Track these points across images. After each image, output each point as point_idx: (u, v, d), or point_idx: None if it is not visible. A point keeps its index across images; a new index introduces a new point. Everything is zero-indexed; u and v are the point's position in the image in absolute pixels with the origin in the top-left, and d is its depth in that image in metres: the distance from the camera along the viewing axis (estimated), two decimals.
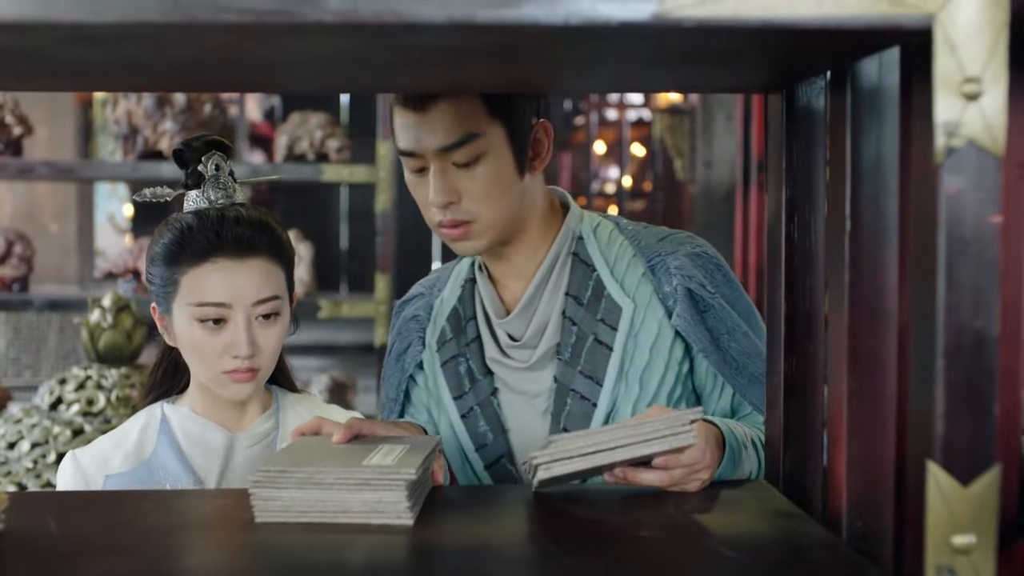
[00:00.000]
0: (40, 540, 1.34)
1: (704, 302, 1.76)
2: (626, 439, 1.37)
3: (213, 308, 1.72)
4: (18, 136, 4.37)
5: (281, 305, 1.77)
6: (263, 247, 1.75)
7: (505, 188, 1.73)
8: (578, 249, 1.82)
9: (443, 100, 1.68)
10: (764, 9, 1.04)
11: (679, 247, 1.80)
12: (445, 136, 1.69)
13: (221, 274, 1.73)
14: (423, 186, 1.73)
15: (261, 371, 1.76)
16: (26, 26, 1.03)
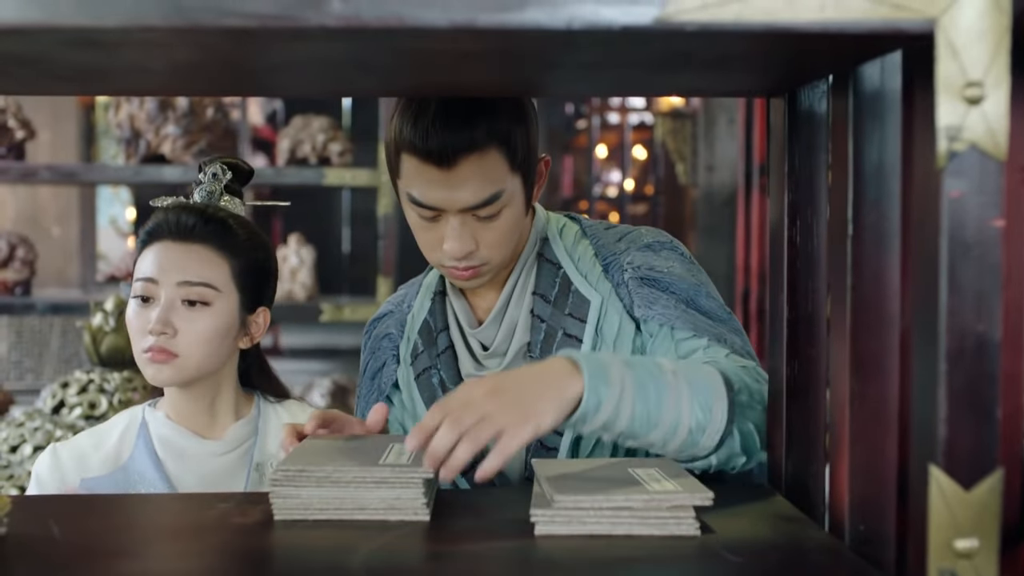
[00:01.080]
0: (43, 544, 1.34)
1: (660, 282, 1.74)
2: (628, 517, 1.36)
3: (143, 283, 1.76)
4: (21, 140, 4.38)
5: (213, 296, 1.77)
6: (207, 235, 1.78)
7: (517, 230, 1.73)
8: (543, 250, 1.82)
9: (469, 156, 1.63)
10: (766, 13, 1.04)
11: (631, 243, 1.80)
12: (473, 195, 1.65)
13: (159, 252, 1.77)
14: (432, 231, 1.70)
15: (181, 358, 1.75)
16: (29, 30, 1.04)
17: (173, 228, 1.78)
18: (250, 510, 1.47)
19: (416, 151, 1.64)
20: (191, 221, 1.78)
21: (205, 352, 1.77)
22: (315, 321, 4.48)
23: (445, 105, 1.63)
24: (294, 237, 4.72)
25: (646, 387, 1.47)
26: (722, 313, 1.75)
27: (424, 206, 1.67)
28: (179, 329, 1.74)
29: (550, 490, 1.38)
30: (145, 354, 1.75)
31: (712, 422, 1.51)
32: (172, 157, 4.40)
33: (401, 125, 1.66)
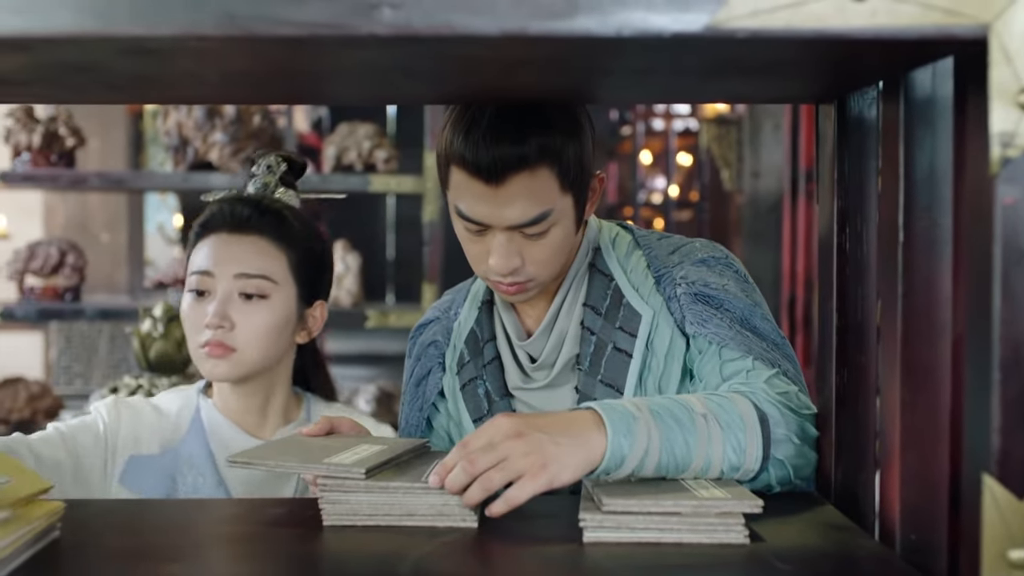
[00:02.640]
0: (95, 548, 1.36)
1: (714, 299, 1.70)
2: (677, 524, 1.36)
3: (199, 277, 1.74)
4: (71, 147, 4.43)
5: (271, 288, 1.75)
6: (263, 226, 1.76)
7: (566, 248, 1.71)
8: (595, 260, 1.79)
9: (519, 173, 1.60)
10: (817, 20, 1.04)
11: (685, 257, 1.76)
12: (521, 213, 1.63)
13: (215, 245, 1.75)
14: (480, 244, 1.68)
15: (239, 352, 1.73)
16: (85, 39, 1.05)
17: (228, 219, 1.76)
18: (300, 515, 1.48)
19: (465, 165, 1.62)
20: (246, 212, 1.77)
21: (263, 346, 1.75)
22: (360, 327, 4.49)
23: (497, 118, 1.60)
24: (340, 244, 4.74)
25: (673, 438, 1.46)
26: (776, 336, 1.72)
27: (471, 220, 1.65)
28: (236, 323, 1.72)
29: (599, 495, 1.37)
30: (202, 349, 1.73)
31: (746, 462, 1.52)
32: (219, 164, 4.44)
33: (452, 136, 1.63)
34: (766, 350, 1.68)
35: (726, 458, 1.49)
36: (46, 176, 4.29)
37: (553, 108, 1.64)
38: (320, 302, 1.84)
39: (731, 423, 1.50)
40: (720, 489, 1.40)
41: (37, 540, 1.31)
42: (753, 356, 1.66)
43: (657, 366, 1.72)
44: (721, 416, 1.51)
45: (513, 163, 1.59)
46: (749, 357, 1.66)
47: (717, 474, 1.50)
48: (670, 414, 1.48)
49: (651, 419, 1.46)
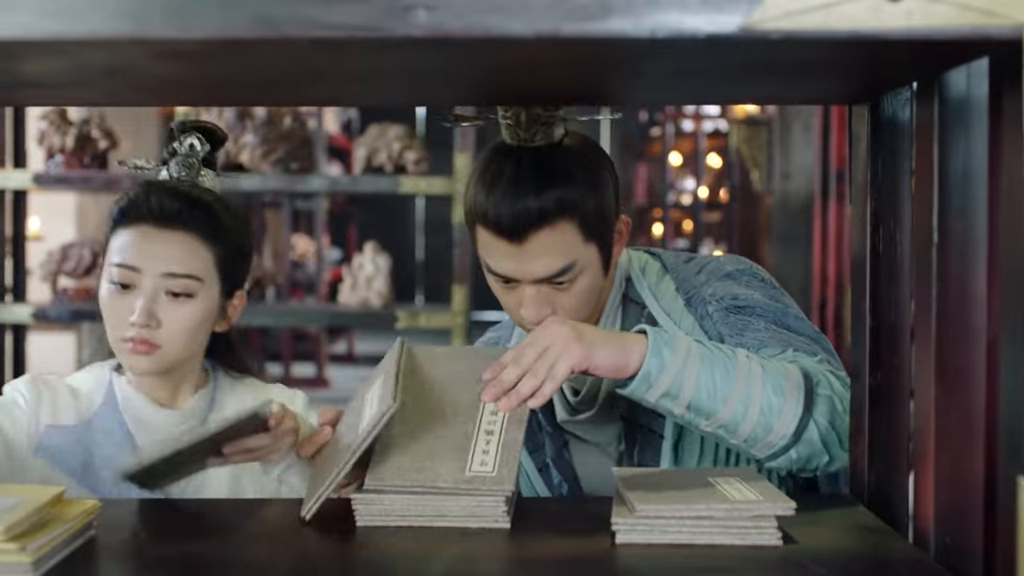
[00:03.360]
0: (131, 547, 1.36)
1: (746, 309, 1.73)
2: (710, 527, 1.35)
3: (123, 270, 1.71)
4: (104, 149, 4.45)
5: (197, 287, 1.73)
6: (192, 222, 1.73)
7: (594, 294, 1.73)
8: (628, 291, 1.82)
9: (540, 230, 1.64)
10: (852, 21, 1.03)
11: (711, 275, 1.79)
12: (545, 268, 1.66)
13: (141, 239, 1.72)
14: (511, 295, 1.72)
15: (163, 349, 1.72)
16: (119, 43, 1.05)
17: (156, 212, 1.72)
18: (333, 515, 1.48)
19: (488, 224, 1.66)
20: (175, 205, 1.73)
21: (187, 342, 1.75)
22: (390, 329, 4.50)
23: (516, 176, 1.64)
24: (370, 245, 4.75)
25: (713, 359, 1.53)
26: (811, 332, 1.74)
27: (499, 275, 1.70)
28: (162, 321, 1.71)
29: (631, 499, 1.37)
30: (125, 344, 1.71)
31: (786, 405, 1.54)
32: (250, 166, 4.46)
33: (475, 196, 1.68)
34: (805, 343, 1.70)
35: (765, 395, 1.53)
36: (79, 178, 4.32)
37: (573, 161, 1.68)
38: (240, 292, 1.84)
39: (772, 367, 1.56)
40: (753, 491, 1.40)
41: (74, 539, 1.32)
42: (793, 348, 1.68)
43: None
44: (763, 361, 1.57)
45: (533, 221, 1.63)
46: (789, 349, 1.68)
47: (756, 412, 1.52)
48: (714, 346, 1.56)
49: (693, 343, 1.54)
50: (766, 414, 1.53)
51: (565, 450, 1.86)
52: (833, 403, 1.58)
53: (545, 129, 1.68)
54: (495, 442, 1.49)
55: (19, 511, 1.24)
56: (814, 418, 1.56)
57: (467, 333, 4.31)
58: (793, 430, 1.54)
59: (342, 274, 4.82)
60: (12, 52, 1.12)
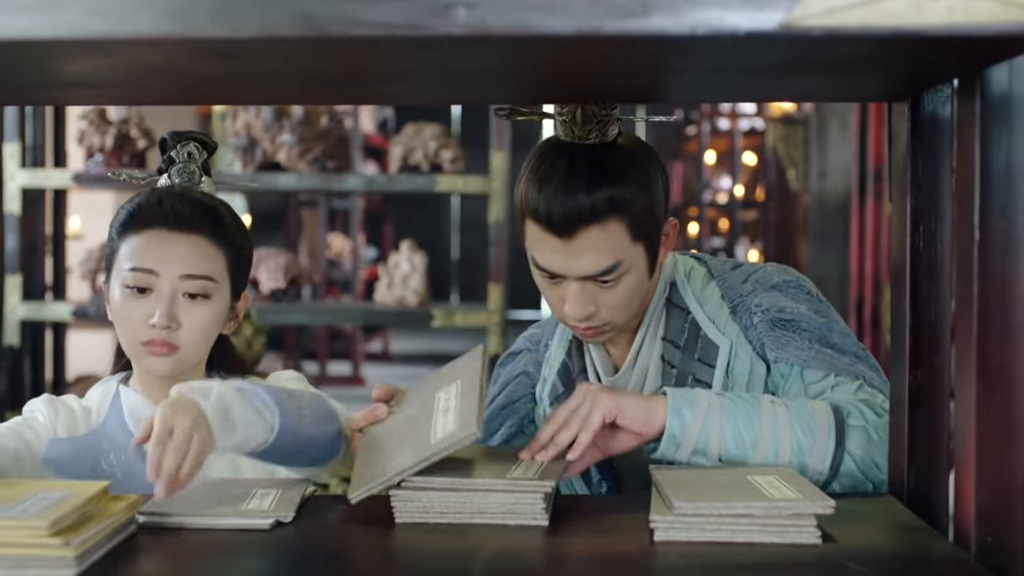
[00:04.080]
0: (171, 539, 1.38)
1: (791, 323, 1.75)
2: (748, 525, 1.35)
3: (140, 274, 1.72)
4: (142, 149, 4.49)
5: (213, 288, 1.76)
6: (203, 225, 1.75)
7: (639, 294, 1.75)
8: (672, 296, 1.83)
9: (590, 227, 1.66)
10: (893, 17, 1.03)
11: (758, 285, 1.80)
12: (592, 265, 1.68)
13: (155, 242, 1.74)
14: (556, 290, 1.74)
15: (182, 350, 1.74)
16: (165, 42, 1.06)
17: (170, 216, 1.74)
18: (372, 513, 1.49)
19: (538, 219, 1.68)
20: (187, 210, 1.75)
21: (203, 343, 1.78)
22: (426, 327, 4.51)
23: (569, 173, 1.66)
24: (406, 243, 4.77)
25: (735, 408, 1.57)
26: (856, 349, 1.75)
27: (545, 270, 1.72)
28: (182, 322, 1.73)
29: (670, 496, 1.37)
30: (143, 347, 1.74)
31: (816, 443, 1.56)
32: (287, 165, 4.48)
33: (527, 190, 1.70)
34: (848, 364, 1.71)
35: (794, 435, 1.56)
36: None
37: (625, 160, 1.69)
38: (244, 293, 1.87)
39: (798, 408, 1.59)
40: (791, 489, 1.39)
41: (116, 533, 1.34)
42: (835, 372, 1.69)
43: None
44: (789, 402, 1.60)
45: (584, 217, 1.65)
46: (831, 374, 1.69)
47: (788, 453, 1.55)
48: (736, 395, 1.60)
49: (714, 397, 1.59)
50: (797, 454, 1.56)
51: None
52: (868, 433, 1.60)
53: (600, 127, 1.70)
54: (535, 467, 1.51)
55: (65, 505, 1.25)
56: (848, 450, 1.58)
57: (503, 332, 4.32)
58: (828, 466, 1.57)
59: (378, 273, 4.84)
60: (58, 52, 1.14)
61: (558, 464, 1.53)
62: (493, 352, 4.30)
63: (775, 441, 1.55)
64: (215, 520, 1.42)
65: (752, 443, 1.55)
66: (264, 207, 8.81)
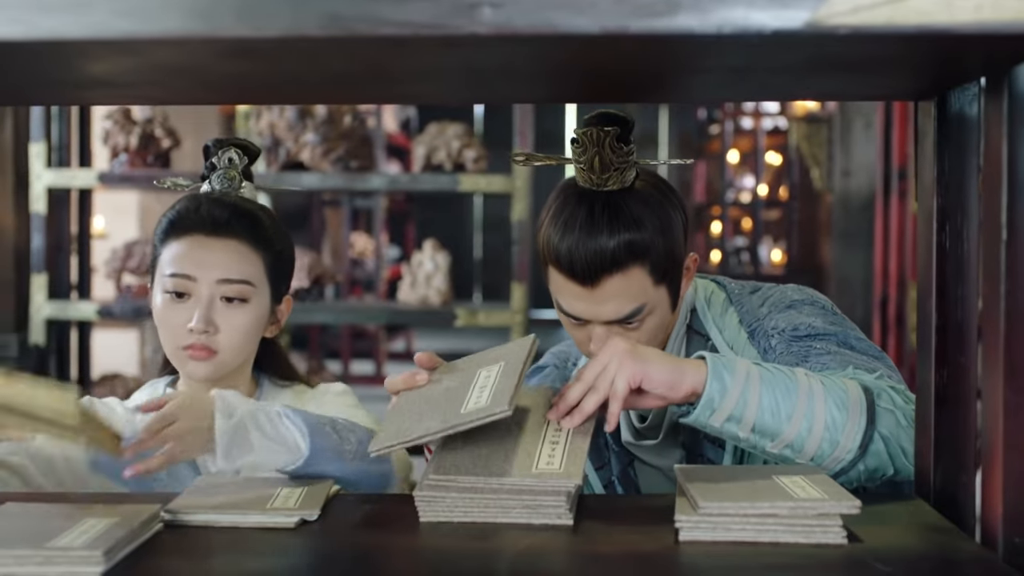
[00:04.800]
0: (196, 536, 1.38)
1: (809, 336, 1.75)
2: (774, 525, 1.35)
3: (179, 280, 1.75)
4: (167, 149, 4.50)
5: (251, 292, 1.77)
6: (241, 230, 1.77)
7: (663, 329, 1.78)
8: (693, 322, 1.85)
9: (612, 276, 1.68)
10: (920, 15, 1.03)
11: (773, 307, 1.81)
12: (615, 311, 1.70)
13: (193, 248, 1.76)
14: (581, 331, 1.76)
15: (221, 354, 1.76)
16: (192, 42, 1.07)
17: (207, 222, 1.77)
18: (396, 512, 1.49)
19: (561, 267, 1.70)
20: (224, 215, 1.77)
21: (243, 347, 1.79)
22: (449, 326, 4.51)
23: (589, 221, 1.68)
24: (429, 243, 4.77)
25: (774, 379, 1.55)
26: (874, 351, 1.75)
27: (570, 316, 1.74)
28: (220, 327, 1.75)
29: (695, 496, 1.37)
30: (184, 351, 1.76)
31: (850, 419, 1.55)
32: (311, 164, 4.48)
33: (549, 236, 1.72)
34: (866, 361, 1.71)
35: (828, 411, 1.54)
36: (143, 177, 4.36)
37: (644, 205, 1.71)
38: (287, 297, 1.87)
39: (832, 384, 1.57)
40: (817, 489, 1.39)
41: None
42: (853, 366, 1.69)
43: None
44: (823, 378, 1.58)
45: (606, 267, 1.68)
46: (849, 367, 1.69)
47: (821, 428, 1.53)
48: (773, 366, 1.57)
49: (752, 365, 1.56)
50: (831, 429, 1.55)
51: (630, 468, 1.90)
52: (896, 416, 1.59)
53: (618, 174, 1.71)
54: (560, 449, 1.50)
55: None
56: (878, 430, 1.57)
57: (526, 331, 4.31)
58: (859, 443, 1.55)
59: (401, 272, 4.84)
60: (86, 51, 1.14)
61: (585, 430, 1.53)
62: None
63: (810, 415, 1.53)
64: (240, 518, 1.43)
65: (788, 415, 1.53)
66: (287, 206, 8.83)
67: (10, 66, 1.24)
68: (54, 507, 1.42)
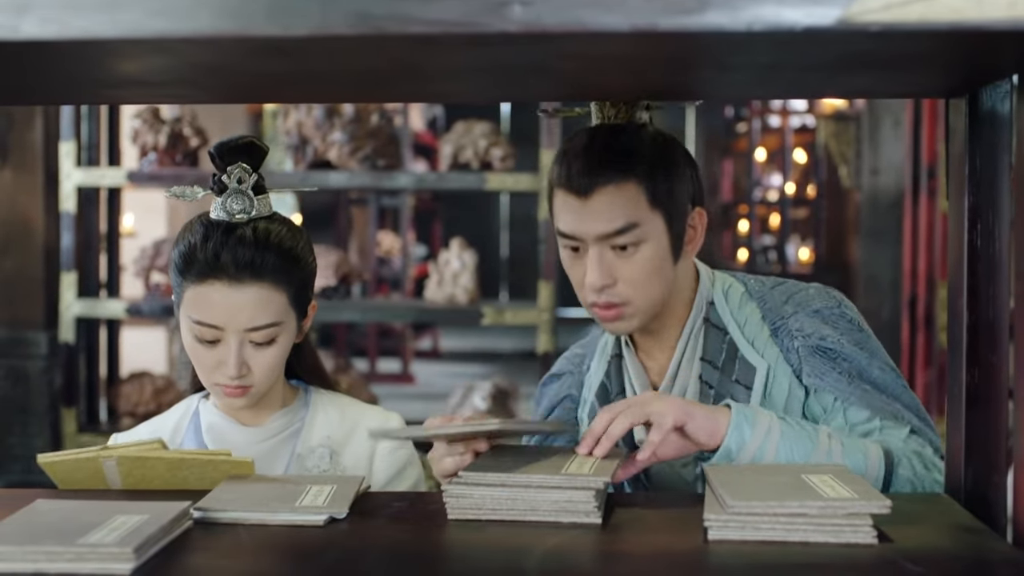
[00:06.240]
0: (224, 537, 1.39)
1: (832, 352, 1.73)
2: (803, 524, 1.34)
3: (206, 329, 1.74)
4: (195, 148, 4.52)
5: (278, 331, 1.77)
6: (264, 271, 1.74)
7: (660, 274, 1.75)
8: (710, 315, 1.83)
9: (606, 187, 1.70)
10: (953, 12, 1.02)
11: (799, 307, 1.78)
12: (607, 223, 1.70)
13: (217, 297, 1.74)
14: (579, 266, 1.76)
15: (255, 388, 1.78)
16: (224, 41, 1.07)
17: (229, 269, 1.74)
18: (424, 510, 1.49)
19: (561, 183, 1.73)
20: (246, 256, 1.74)
21: (275, 375, 1.81)
22: (476, 325, 4.52)
23: (592, 142, 1.73)
24: (456, 241, 4.77)
25: (795, 437, 1.59)
26: (895, 386, 1.73)
27: (565, 235, 1.74)
28: (252, 367, 1.76)
29: (724, 495, 1.37)
30: (218, 387, 1.78)
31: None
32: (338, 163, 4.49)
33: (554, 166, 1.76)
34: (887, 403, 1.70)
35: None
36: (171, 175, 4.38)
37: (648, 138, 1.75)
38: (312, 304, 1.87)
39: (853, 448, 1.61)
40: (847, 489, 1.38)
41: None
42: (880, 416, 1.69)
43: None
44: (844, 439, 1.62)
45: (600, 176, 1.70)
46: (876, 419, 1.69)
47: None
48: (795, 421, 1.61)
49: (775, 419, 1.59)
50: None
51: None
52: (913, 485, 1.61)
53: (628, 108, 1.78)
54: (589, 464, 1.52)
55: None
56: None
57: (552, 329, 4.31)
58: None
59: (428, 270, 4.84)
60: (117, 51, 1.15)
61: (612, 460, 1.53)
62: (544, 349, 4.30)
63: None
64: (269, 516, 1.44)
65: None
66: (314, 205, 8.85)
67: (42, 66, 1.25)
68: (85, 504, 1.42)
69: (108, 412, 4.71)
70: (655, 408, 1.55)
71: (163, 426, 1.89)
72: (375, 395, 4.88)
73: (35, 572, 1.21)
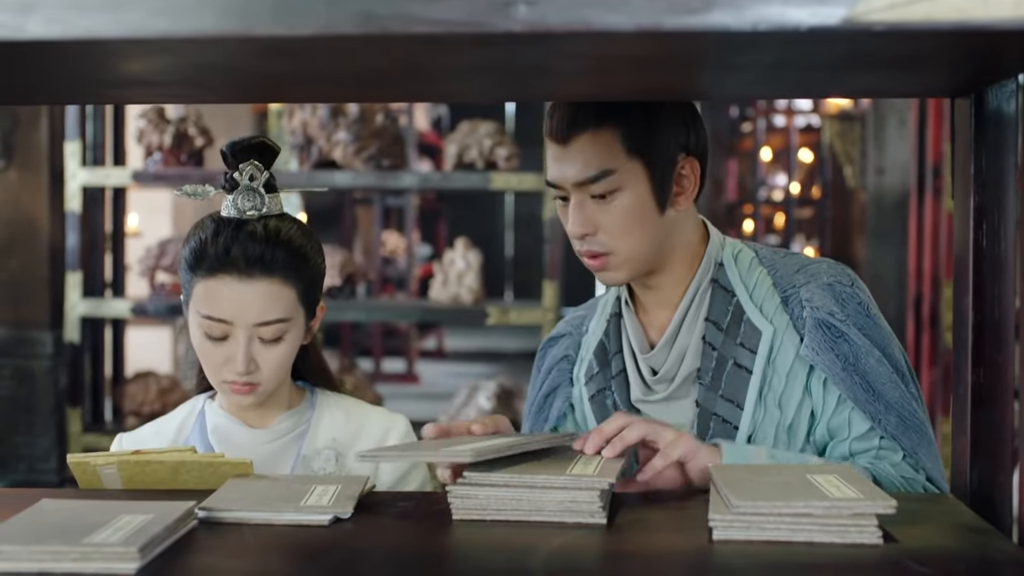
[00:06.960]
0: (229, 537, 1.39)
1: (835, 330, 1.71)
2: (808, 524, 1.34)
3: (215, 323, 1.75)
4: (200, 147, 4.52)
5: (287, 327, 1.77)
6: (274, 266, 1.75)
7: (642, 223, 1.74)
8: (718, 276, 1.81)
9: (583, 134, 1.71)
10: (958, 11, 1.02)
11: (812, 278, 1.77)
12: (582, 170, 1.71)
13: (227, 291, 1.74)
14: (567, 216, 1.77)
15: (262, 386, 1.78)
16: (228, 40, 1.07)
17: (239, 263, 1.74)
18: (429, 510, 1.49)
19: (547, 132, 1.77)
20: (256, 251, 1.75)
21: (283, 373, 1.82)
22: (481, 324, 4.52)
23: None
24: (461, 241, 4.78)
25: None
26: (886, 381, 1.71)
27: (550, 184, 1.77)
28: (260, 363, 1.77)
29: (728, 495, 1.37)
30: (226, 384, 1.78)
31: None
32: (343, 163, 4.49)
33: (546, 117, 1.79)
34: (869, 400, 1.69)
35: None
36: (176, 175, 4.39)
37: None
38: (320, 305, 1.87)
39: None
40: (852, 488, 1.38)
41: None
42: (880, 435, 1.70)
43: (779, 384, 1.74)
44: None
45: (577, 123, 1.72)
46: (876, 437, 1.70)
47: None
48: (789, 456, 1.65)
49: (766, 457, 1.63)
50: None
51: None
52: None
53: None
54: (593, 465, 1.52)
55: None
56: None
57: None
58: None
59: (433, 270, 4.85)
60: (122, 51, 1.15)
61: (616, 462, 1.53)
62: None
63: None
64: (274, 515, 1.44)
65: None
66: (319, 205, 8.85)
67: (47, 66, 1.25)
68: (90, 503, 1.42)
69: (113, 412, 4.72)
70: (668, 436, 1.59)
71: (168, 426, 1.89)
72: (380, 395, 4.88)
73: (40, 571, 1.21)
